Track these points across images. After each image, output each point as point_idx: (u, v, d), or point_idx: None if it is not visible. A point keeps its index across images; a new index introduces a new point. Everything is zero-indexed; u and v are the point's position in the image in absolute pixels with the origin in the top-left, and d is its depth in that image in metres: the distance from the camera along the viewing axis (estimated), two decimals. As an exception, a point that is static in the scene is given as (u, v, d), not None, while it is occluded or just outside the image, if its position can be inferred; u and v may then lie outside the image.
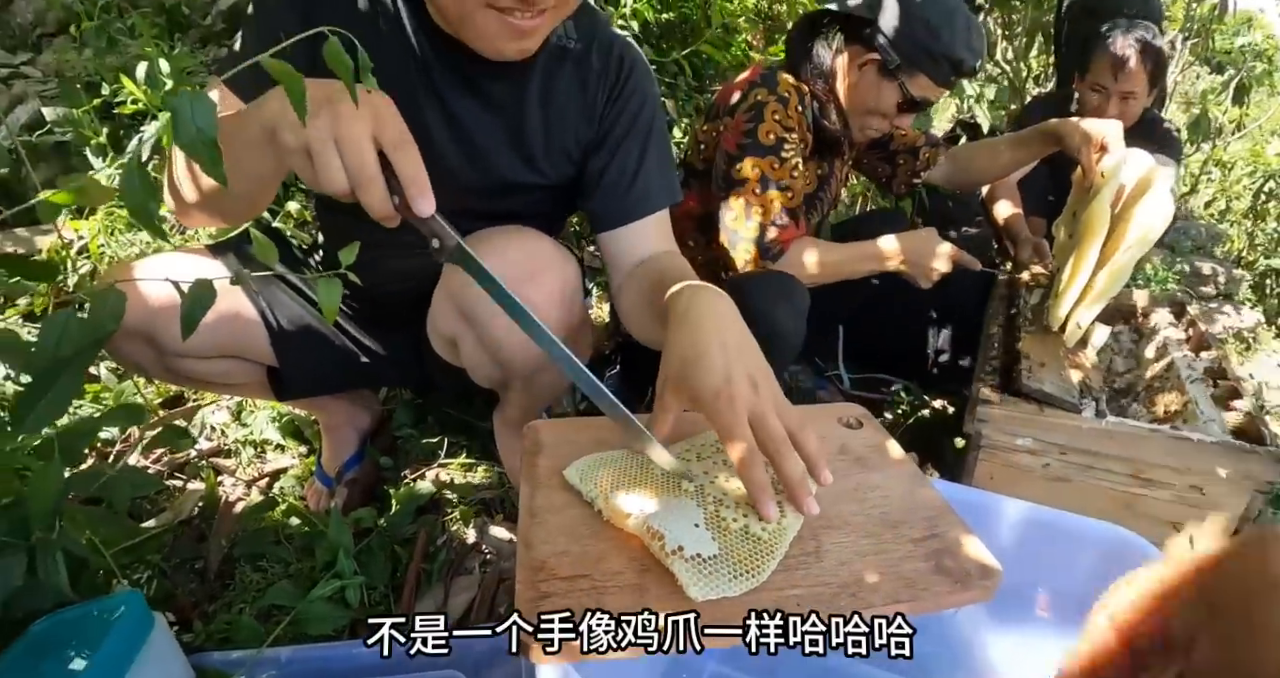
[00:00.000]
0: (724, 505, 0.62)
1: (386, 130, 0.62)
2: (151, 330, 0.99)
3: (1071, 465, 1.07)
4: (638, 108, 1.01)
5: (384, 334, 1.20)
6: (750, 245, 1.28)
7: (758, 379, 0.66)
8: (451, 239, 0.66)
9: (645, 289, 0.92)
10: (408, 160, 0.63)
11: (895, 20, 1.29)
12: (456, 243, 0.66)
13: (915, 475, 0.76)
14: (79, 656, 0.66)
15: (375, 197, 0.62)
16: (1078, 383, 1.15)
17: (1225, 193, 4.34)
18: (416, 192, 0.63)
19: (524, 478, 0.70)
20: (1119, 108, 1.97)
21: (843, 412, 0.86)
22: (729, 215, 1.31)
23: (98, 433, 1.23)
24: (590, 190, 1.02)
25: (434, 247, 0.66)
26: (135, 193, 0.61)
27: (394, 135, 0.63)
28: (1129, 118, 1.97)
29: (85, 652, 0.66)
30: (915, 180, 1.68)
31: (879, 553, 0.63)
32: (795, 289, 1.02)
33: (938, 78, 1.32)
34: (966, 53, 1.30)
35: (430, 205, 0.64)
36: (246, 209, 0.87)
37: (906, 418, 1.68)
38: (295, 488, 1.40)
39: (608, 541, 0.61)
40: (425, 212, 0.64)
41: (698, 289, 0.76)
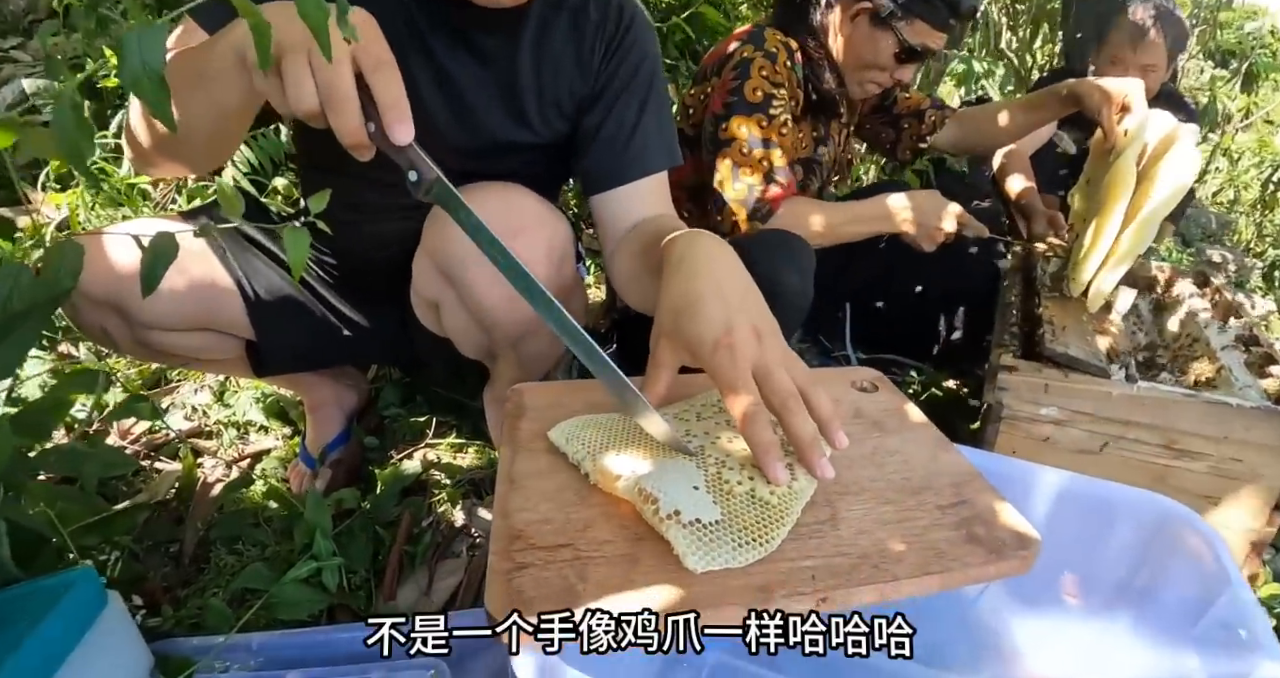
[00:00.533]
0: (727, 467, 0.55)
1: (365, 50, 0.56)
2: (119, 299, 0.94)
3: (1099, 436, 1.00)
4: (637, 62, 0.95)
5: (367, 306, 1.13)
6: (738, 207, 1.23)
7: (762, 330, 0.59)
8: (431, 172, 0.59)
9: (639, 249, 0.86)
10: (386, 83, 0.57)
11: None
12: (436, 176, 0.59)
13: (938, 439, 0.69)
14: (21, 632, 0.61)
15: (348, 119, 0.56)
16: (1104, 348, 1.07)
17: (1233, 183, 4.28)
18: (394, 117, 0.57)
19: (504, 442, 0.63)
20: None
21: (855, 375, 0.80)
22: (717, 176, 1.26)
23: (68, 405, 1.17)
24: (584, 148, 0.95)
25: (411, 180, 0.60)
26: (67, 131, 0.55)
27: (373, 55, 0.57)
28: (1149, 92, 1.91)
29: (28, 628, 0.62)
30: (921, 145, 1.61)
31: (902, 521, 0.56)
32: (800, 248, 0.95)
33: (935, 21, 1.26)
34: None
35: (408, 133, 0.57)
36: (212, 150, 0.79)
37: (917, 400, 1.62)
38: (278, 470, 1.34)
39: (596, 507, 0.54)
40: (403, 139, 0.58)
41: (696, 236, 0.69)
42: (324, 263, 1.09)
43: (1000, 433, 1.01)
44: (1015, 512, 0.59)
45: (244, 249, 1.05)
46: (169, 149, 0.74)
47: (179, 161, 0.79)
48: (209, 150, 0.78)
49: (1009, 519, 0.58)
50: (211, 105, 0.66)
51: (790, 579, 0.48)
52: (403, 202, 1.00)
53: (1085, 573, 0.86)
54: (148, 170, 0.91)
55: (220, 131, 0.72)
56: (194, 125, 0.67)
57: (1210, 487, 1.00)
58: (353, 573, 1.07)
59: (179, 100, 0.67)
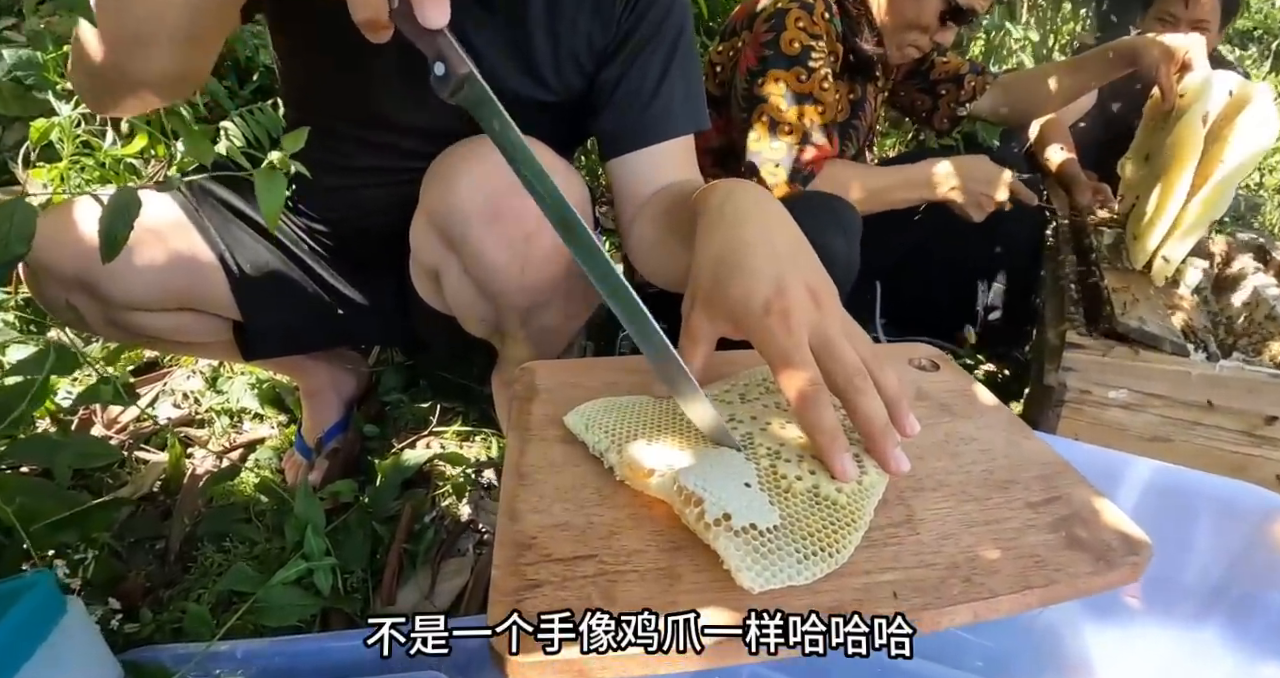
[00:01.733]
0: (782, 459, 0.45)
1: None
2: (89, 276, 0.86)
3: (1173, 422, 0.90)
4: (663, 14, 0.85)
5: (363, 280, 1.04)
6: (776, 169, 1.13)
7: (820, 291, 0.49)
8: (463, 65, 0.47)
9: (662, 211, 0.76)
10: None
11: None
12: (468, 71, 0.47)
13: (1015, 423, 0.59)
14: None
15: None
16: (1179, 325, 0.97)
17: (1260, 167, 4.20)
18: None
19: (512, 429, 0.53)
20: None
21: (913, 352, 0.70)
22: (751, 136, 1.16)
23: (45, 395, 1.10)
24: (601, 105, 0.86)
25: (436, 75, 0.47)
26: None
27: None
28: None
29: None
30: (960, 112, 1.50)
31: (990, 523, 0.46)
32: (845, 211, 0.86)
33: None
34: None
35: (443, 14, 0.45)
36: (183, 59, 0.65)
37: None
38: (272, 460, 1.26)
39: (622, 508, 0.45)
40: (436, 22, 0.45)
41: (736, 184, 0.59)
42: (315, 232, 0.99)
43: (1063, 418, 0.91)
44: (1118, 510, 0.49)
45: (226, 221, 0.96)
46: (128, 65, 0.63)
47: (141, 82, 0.66)
48: (179, 59, 0.64)
49: (1112, 519, 0.48)
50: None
51: (868, 598, 0.39)
52: (397, 164, 0.92)
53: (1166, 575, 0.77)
54: (103, 106, 0.77)
55: (195, 27, 0.61)
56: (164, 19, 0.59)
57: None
58: (348, 574, 0.99)
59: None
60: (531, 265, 0.76)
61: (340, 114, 0.88)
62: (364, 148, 0.89)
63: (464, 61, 0.46)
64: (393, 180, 0.89)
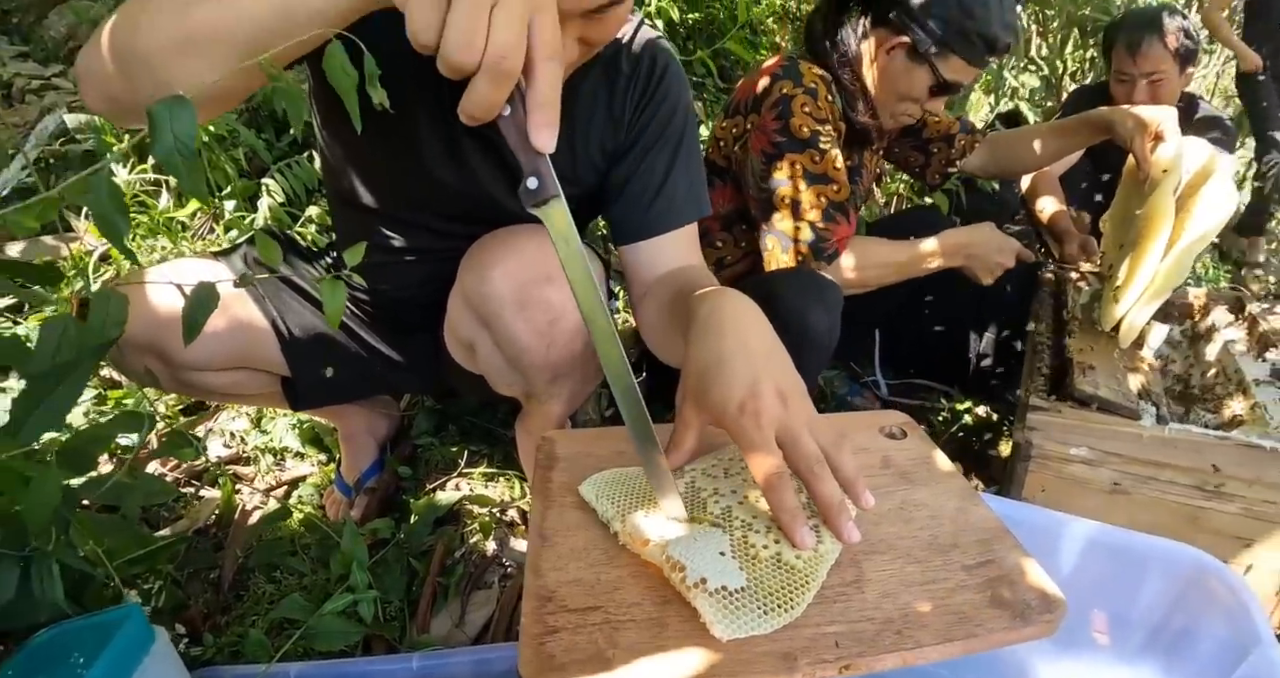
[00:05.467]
0: (753, 531, 0.56)
1: (544, 31, 0.50)
2: (160, 343, 0.96)
3: (1130, 476, 0.99)
4: (669, 115, 0.94)
5: (400, 341, 1.16)
6: (800, 248, 1.21)
7: (787, 392, 0.59)
8: (554, 188, 0.53)
9: (666, 302, 0.85)
10: (553, 78, 0.51)
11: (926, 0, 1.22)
12: (558, 193, 0.53)
13: (966, 492, 0.69)
14: (77, 670, 0.64)
15: (498, 93, 0.50)
16: (1136, 387, 1.06)
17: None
18: (544, 119, 0.51)
19: (535, 494, 0.64)
20: (1148, 93, 1.90)
21: (884, 420, 0.80)
22: (775, 218, 1.23)
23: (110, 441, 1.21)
24: (612, 199, 0.95)
25: (528, 187, 0.53)
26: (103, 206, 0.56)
27: (550, 43, 0.51)
28: (1163, 102, 1.89)
29: (83, 666, 0.64)
30: (950, 169, 1.60)
31: (928, 583, 0.56)
32: (827, 287, 0.96)
33: (972, 58, 1.25)
34: (1002, 30, 1.23)
35: (551, 140, 0.52)
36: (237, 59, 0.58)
37: (949, 426, 1.61)
38: (314, 497, 1.37)
39: (624, 567, 0.56)
40: (546, 147, 0.52)
41: (722, 294, 0.69)
42: (357, 300, 1.11)
43: (1030, 472, 1.01)
44: (1042, 571, 0.59)
45: (278, 289, 1.07)
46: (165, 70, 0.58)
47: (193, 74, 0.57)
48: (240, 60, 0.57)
49: (1035, 580, 0.58)
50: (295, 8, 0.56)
51: (814, 646, 0.49)
52: (435, 244, 1.00)
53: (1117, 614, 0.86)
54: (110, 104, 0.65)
55: (271, 34, 0.57)
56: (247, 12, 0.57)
57: (1244, 528, 0.99)
58: (388, 603, 1.10)
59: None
60: (556, 346, 0.87)
61: (384, 198, 0.97)
62: (405, 229, 0.99)
63: (555, 185, 0.53)
64: (431, 259, 1.00)
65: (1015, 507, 0.77)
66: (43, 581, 0.71)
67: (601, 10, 0.66)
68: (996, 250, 1.34)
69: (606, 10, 0.66)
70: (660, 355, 0.90)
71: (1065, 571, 0.79)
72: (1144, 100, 1.88)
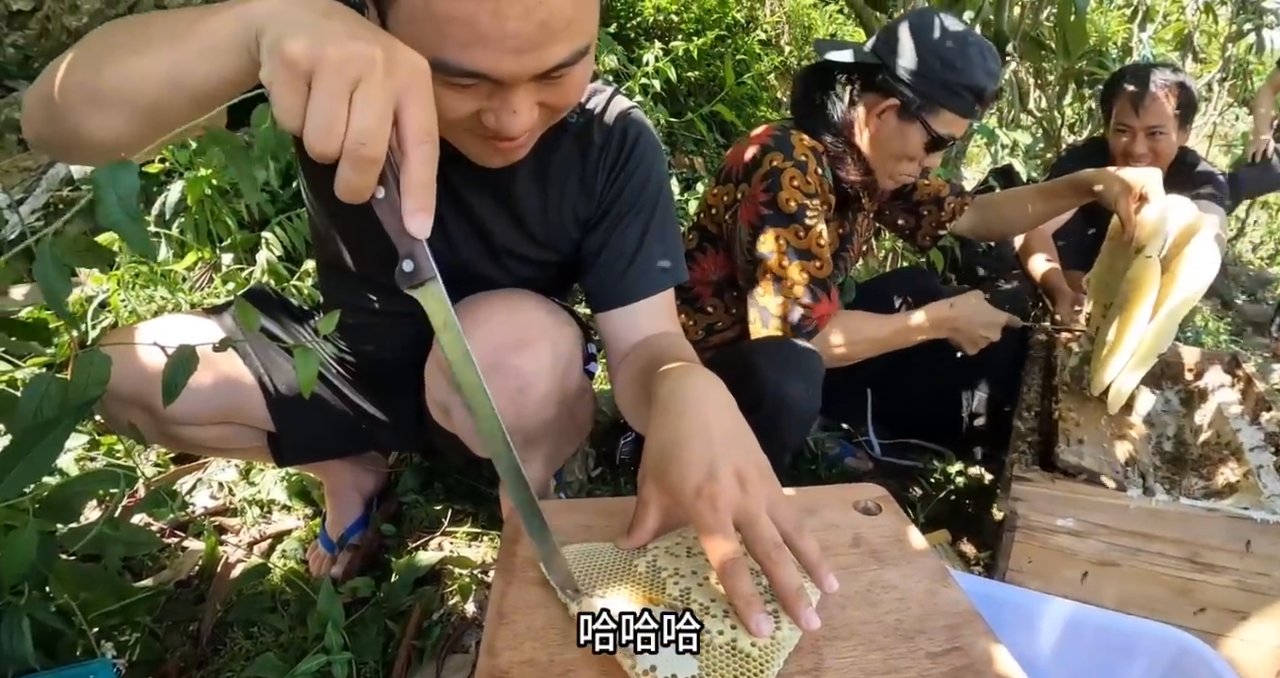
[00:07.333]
0: (710, 615, 0.55)
1: (415, 114, 0.49)
2: (146, 397, 0.96)
3: (1118, 548, 0.97)
4: (640, 184, 0.93)
5: (384, 399, 1.16)
6: (781, 323, 1.21)
7: (746, 474, 0.58)
8: (430, 271, 0.52)
9: (637, 372, 0.84)
10: (425, 161, 0.50)
11: (909, 61, 1.25)
12: (434, 276, 0.52)
13: (937, 573, 0.68)
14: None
15: (365, 179, 0.49)
16: (1123, 455, 1.05)
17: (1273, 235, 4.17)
18: (418, 203, 0.50)
19: (498, 570, 0.64)
20: (1148, 145, 1.90)
21: (859, 494, 0.79)
22: (757, 291, 1.24)
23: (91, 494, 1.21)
24: (587, 267, 0.95)
25: (404, 270, 0.52)
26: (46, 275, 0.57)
27: (423, 126, 0.50)
28: (1162, 155, 1.90)
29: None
30: (940, 232, 1.61)
31: (888, 673, 0.55)
32: (808, 357, 0.95)
33: (962, 110, 1.27)
34: (986, 79, 1.25)
35: (426, 228, 0.51)
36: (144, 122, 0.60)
37: (940, 488, 1.59)
38: (298, 551, 1.36)
39: (578, 650, 0.55)
40: (420, 234, 0.51)
41: (687, 372, 0.69)
42: (342, 360, 1.12)
43: (1016, 542, 0.99)
44: (1011, 659, 0.58)
45: (265, 345, 1.08)
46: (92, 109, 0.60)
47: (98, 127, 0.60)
48: (141, 120, 0.59)
49: (1003, 669, 0.57)
50: (177, 65, 0.56)
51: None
52: (408, 308, 1.01)
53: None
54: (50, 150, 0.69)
55: (167, 100, 0.57)
56: (143, 80, 0.57)
57: (1237, 601, 0.96)
58: (363, 664, 1.08)
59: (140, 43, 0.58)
60: (526, 412, 0.87)
61: (364, 262, 0.98)
62: (385, 292, 0.99)
63: (431, 267, 0.52)
64: (412, 321, 0.99)
65: (994, 586, 0.76)
66: (11, 634, 0.70)
67: (554, 74, 0.64)
68: (982, 325, 1.35)
69: (559, 74, 0.65)
70: (632, 424, 0.89)
71: (1045, 652, 0.77)
72: (1143, 152, 1.89)
